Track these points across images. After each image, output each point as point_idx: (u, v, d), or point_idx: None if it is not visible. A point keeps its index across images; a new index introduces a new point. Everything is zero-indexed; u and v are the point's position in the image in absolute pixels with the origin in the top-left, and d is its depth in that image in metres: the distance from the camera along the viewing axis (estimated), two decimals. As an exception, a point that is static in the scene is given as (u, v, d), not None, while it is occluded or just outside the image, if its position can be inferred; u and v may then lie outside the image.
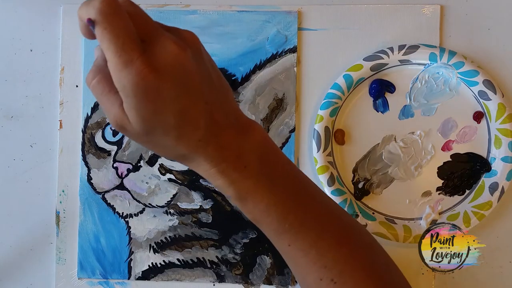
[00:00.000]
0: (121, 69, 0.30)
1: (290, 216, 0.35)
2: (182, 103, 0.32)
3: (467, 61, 0.50)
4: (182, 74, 0.31)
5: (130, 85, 0.30)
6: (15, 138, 0.53)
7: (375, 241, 0.38)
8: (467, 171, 0.51)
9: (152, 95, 0.30)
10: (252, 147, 0.35)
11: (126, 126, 0.32)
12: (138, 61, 0.30)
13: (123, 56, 0.30)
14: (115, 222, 0.52)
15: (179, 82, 0.31)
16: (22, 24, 0.53)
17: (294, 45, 0.52)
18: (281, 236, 0.36)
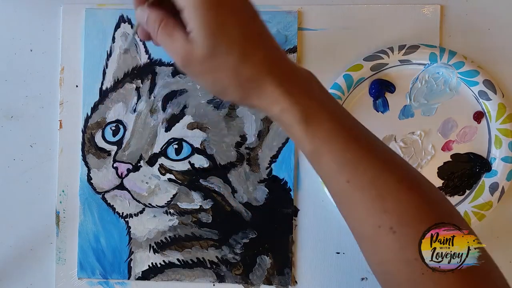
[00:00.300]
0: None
1: (353, 146, 0.34)
2: (245, 16, 0.33)
3: (467, 61, 0.50)
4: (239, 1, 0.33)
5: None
6: (15, 138, 0.53)
7: (446, 199, 0.36)
8: (467, 171, 0.51)
9: (219, 3, 0.32)
10: (310, 78, 0.36)
11: (192, 55, 0.33)
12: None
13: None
14: (115, 222, 0.52)
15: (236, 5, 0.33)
16: (22, 24, 0.53)
17: (294, 45, 0.52)
18: (341, 169, 0.34)
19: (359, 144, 0.34)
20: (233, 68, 0.33)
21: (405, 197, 0.33)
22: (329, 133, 0.34)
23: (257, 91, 0.34)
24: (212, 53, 0.33)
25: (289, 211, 0.51)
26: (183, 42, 0.33)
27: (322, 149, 0.34)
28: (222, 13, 0.32)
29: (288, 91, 0.33)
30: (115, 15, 0.53)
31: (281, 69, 0.34)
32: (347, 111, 0.37)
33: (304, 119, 0.34)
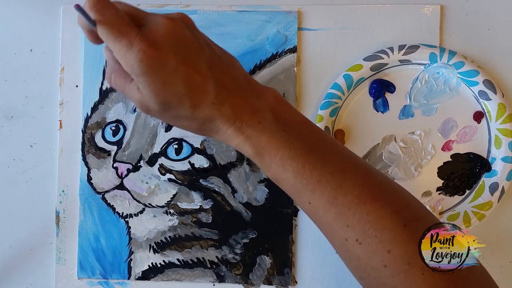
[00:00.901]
0: (124, 51, 0.33)
1: (306, 171, 0.35)
2: (186, 69, 0.34)
3: (467, 61, 0.50)
4: (179, 42, 0.34)
5: (136, 62, 0.33)
6: (15, 138, 0.53)
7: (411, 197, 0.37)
8: (467, 171, 0.51)
9: (157, 67, 0.33)
10: (265, 105, 0.37)
11: (149, 108, 0.35)
12: (136, 39, 0.33)
13: (123, 39, 0.33)
14: (115, 222, 0.52)
15: (177, 50, 0.34)
16: (22, 24, 0.53)
17: (294, 45, 0.52)
18: (301, 193, 0.36)
19: (315, 166, 0.35)
20: (188, 116, 0.36)
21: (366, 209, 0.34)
22: (282, 163, 0.35)
23: (214, 130, 0.37)
24: (165, 108, 0.35)
25: (289, 211, 0.51)
26: (137, 94, 0.35)
27: (279, 176, 0.36)
28: (162, 75, 0.34)
29: (239, 130, 0.36)
30: (115, 15, 0.53)
31: (232, 106, 0.36)
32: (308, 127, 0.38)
33: (257, 153, 0.36)
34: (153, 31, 0.34)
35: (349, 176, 0.36)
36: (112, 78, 0.37)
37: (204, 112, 0.35)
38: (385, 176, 0.38)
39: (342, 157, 0.37)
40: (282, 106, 0.38)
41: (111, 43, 0.33)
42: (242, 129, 0.36)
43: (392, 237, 0.34)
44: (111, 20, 0.33)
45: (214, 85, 0.35)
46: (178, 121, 0.37)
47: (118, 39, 0.33)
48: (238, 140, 0.36)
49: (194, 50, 0.35)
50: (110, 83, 0.37)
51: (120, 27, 0.33)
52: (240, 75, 0.38)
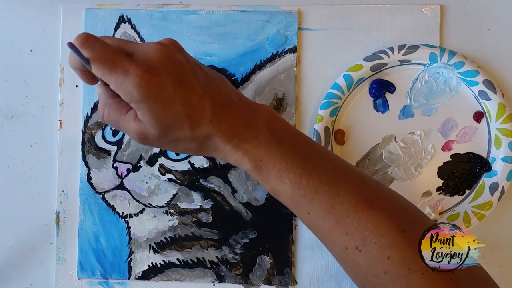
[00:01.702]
0: (121, 81, 0.33)
1: (303, 182, 0.36)
2: (183, 91, 0.35)
3: (467, 61, 0.50)
4: (173, 65, 0.35)
5: (134, 89, 0.33)
6: (15, 138, 0.53)
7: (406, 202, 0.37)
8: (467, 171, 0.51)
9: (155, 92, 0.34)
10: (259, 120, 0.38)
11: (147, 135, 0.36)
12: (131, 67, 0.33)
13: (117, 70, 0.33)
14: (115, 222, 0.52)
15: (172, 73, 0.35)
16: (22, 24, 0.53)
17: (294, 45, 0.52)
18: (299, 204, 0.37)
19: (311, 176, 0.36)
20: (188, 138, 0.36)
21: (364, 216, 0.35)
22: (280, 174, 0.36)
23: (212, 149, 0.37)
24: (165, 132, 0.36)
25: (289, 211, 0.51)
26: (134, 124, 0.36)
27: (277, 189, 0.37)
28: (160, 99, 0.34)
29: (237, 145, 0.37)
30: (115, 15, 0.53)
31: (228, 123, 0.37)
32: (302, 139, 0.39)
33: (254, 167, 0.37)
34: (146, 57, 0.35)
35: (345, 185, 0.36)
36: (106, 113, 0.37)
37: (203, 131, 0.36)
38: (380, 183, 0.39)
39: (337, 167, 0.38)
40: (275, 120, 0.39)
41: (107, 77, 0.34)
42: (239, 145, 0.37)
43: (391, 243, 0.34)
44: (103, 54, 0.34)
45: (210, 104, 0.36)
46: (177, 144, 0.38)
47: (113, 70, 0.34)
48: (236, 156, 0.37)
49: (187, 72, 0.36)
50: (103, 119, 0.38)
51: (113, 59, 0.34)
52: (232, 93, 0.39)
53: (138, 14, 0.52)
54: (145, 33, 0.52)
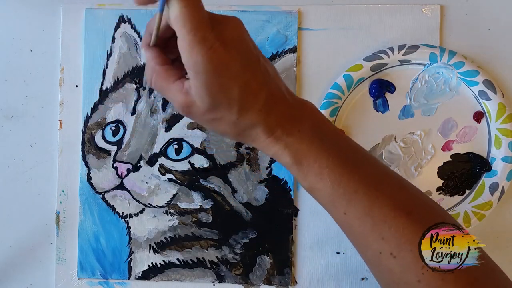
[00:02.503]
0: (194, 45, 0.32)
1: (343, 180, 0.35)
2: (246, 75, 0.34)
3: (467, 61, 0.50)
4: (244, 48, 0.34)
5: (203, 60, 0.32)
6: (15, 138, 0.53)
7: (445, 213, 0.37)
8: (467, 171, 0.51)
9: (221, 69, 0.33)
10: (304, 116, 0.37)
11: (192, 108, 0.35)
12: (211, 37, 0.32)
13: (198, 33, 0.32)
14: (115, 222, 0.52)
15: (242, 55, 0.34)
16: (22, 24, 0.53)
17: (294, 45, 0.52)
18: (336, 203, 0.36)
19: (351, 176, 0.36)
20: (232, 121, 0.35)
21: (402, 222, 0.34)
22: (320, 171, 0.36)
23: (252, 138, 0.36)
24: (212, 109, 0.35)
25: (289, 211, 0.51)
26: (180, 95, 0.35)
27: (315, 186, 0.36)
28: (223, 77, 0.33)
29: (279, 138, 0.36)
30: (115, 15, 0.53)
31: (276, 115, 0.36)
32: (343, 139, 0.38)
33: (295, 161, 0.36)
34: (224, 32, 0.33)
35: (385, 189, 0.36)
36: (154, 79, 0.36)
37: (249, 118, 0.35)
38: (419, 190, 0.38)
39: (377, 169, 0.37)
40: (319, 117, 0.38)
41: (185, 32, 0.32)
42: (281, 138, 0.36)
43: None
44: (196, 9, 0.32)
45: (265, 93, 0.35)
46: (218, 124, 0.36)
47: (194, 31, 0.32)
48: (276, 148, 0.36)
49: (253, 58, 0.35)
50: (150, 84, 0.36)
51: (200, 19, 0.32)
52: (282, 85, 0.38)
53: (138, 14, 0.52)
54: (145, 33, 0.52)
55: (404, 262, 0.34)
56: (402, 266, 0.34)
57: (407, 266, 0.34)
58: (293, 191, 0.52)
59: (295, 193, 0.52)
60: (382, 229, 0.35)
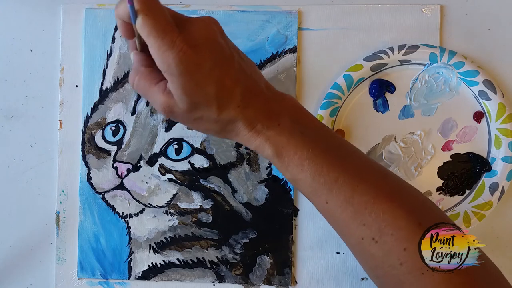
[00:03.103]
0: (164, 50, 0.33)
1: (323, 170, 0.36)
2: (218, 72, 0.35)
3: (467, 61, 0.50)
4: (215, 46, 0.36)
5: (174, 62, 0.33)
6: (15, 138, 0.53)
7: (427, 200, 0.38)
8: (467, 171, 0.51)
9: (193, 68, 0.34)
10: (284, 109, 0.38)
11: (173, 108, 0.36)
12: (178, 40, 0.34)
13: (165, 38, 0.33)
14: (115, 222, 0.52)
15: (213, 54, 0.35)
16: (22, 24, 0.53)
17: (294, 45, 0.52)
18: (317, 192, 0.37)
19: (332, 165, 0.37)
20: (213, 119, 0.37)
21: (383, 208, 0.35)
22: (300, 162, 0.37)
23: (235, 132, 0.38)
24: (192, 108, 0.36)
25: (289, 211, 0.51)
26: (162, 96, 0.36)
27: (297, 177, 0.37)
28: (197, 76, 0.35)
29: (259, 131, 0.37)
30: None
31: (254, 109, 0.37)
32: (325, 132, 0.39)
33: (276, 154, 0.37)
34: (192, 34, 0.35)
35: (366, 177, 0.37)
36: (136, 80, 0.37)
37: (229, 114, 0.37)
38: (400, 178, 0.39)
39: (359, 159, 0.38)
40: (300, 110, 0.39)
41: (152, 39, 0.34)
42: (262, 131, 0.37)
43: (408, 235, 0.34)
44: (157, 15, 0.34)
45: (241, 89, 0.37)
46: (201, 123, 0.38)
47: (161, 36, 0.33)
48: (258, 141, 0.37)
49: (225, 55, 0.36)
50: (133, 86, 0.38)
51: (165, 24, 0.34)
52: (260, 80, 0.39)
53: (138, 14, 0.52)
54: (145, 33, 0.52)
55: (386, 246, 0.35)
56: (384, 250, 0.35)
57: (388, 250, 0.35)
58: (293, 191, 0.52)
59: (295, 193, 0.52)
60: (363, 216, 0.35)
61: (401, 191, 0.37)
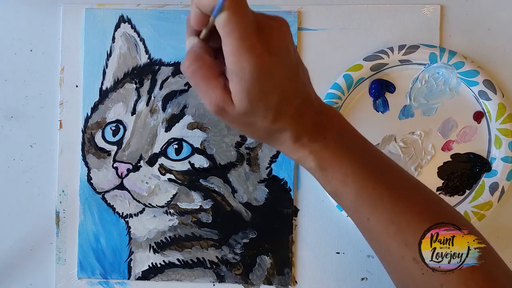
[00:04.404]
0: (242, 52, 0.32)
1: (368, 186, 0.36)
2: (286, 84, 0.34)
3: (467, 61, 0.50)
4: (287, 56, 0.34)
5: (250, 66, 0.32)
6: (15, 138, 0.53)
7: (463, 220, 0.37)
8: (467, 171, 0.51)
9: (265, 76, 0.33)
10: (330, 122, 0.37)
11: (227, 108, 0.34)
12: (258, 45, 0.32)
13: (247, 41, 0.32)
14: (115, 222, 0.52)
15: (285, 64, 0.34)
16: (22, 24, 0.53)
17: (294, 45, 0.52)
18: (359, 208, 0.36)
19: (376, 182, 0.36)
20: (264, 126, 0.35)
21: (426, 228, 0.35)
22: (344, 177, 0.36)
23: (279, 141, 0.37)
24: (247, 113, 0.34)
25: (289, 211, 0.51)
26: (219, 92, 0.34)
27: (339, 191, 0.37)
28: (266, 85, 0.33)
29: (305, 144, 0.36)
30: (115, 15, 0.53)
31: (304, 121, 0.36)
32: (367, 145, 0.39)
33: (319, 167, 0.36)
34: (271, 40, 0.33)
35: (409, 195, 0.36)
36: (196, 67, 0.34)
37: (281, 124, 0.35)
38: (439, 196, 0.38)
39: (401, 176, 0.38)
40: (345, 124, 0.39)
41: (232, 39, 0.32)
42: (307, 144, 0.36)
43: None
44: (244, 17, 0.32)
45: (298, 101, 0.35)
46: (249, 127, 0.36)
47: (243, 38, 0.32)
48: (301, 153, 0.37)
49: (293, 66, 0.35)
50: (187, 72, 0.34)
51: (248, 25, 0.32)
52: (312, 91, 0.38)
53: (138, 14, 0.52)
54: (145, 33, 0.52)
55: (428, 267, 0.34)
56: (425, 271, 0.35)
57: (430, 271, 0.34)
58: (293, 191, 0.52)
59: (295, 193, 0.52)
60: (406, 235, 0.35)
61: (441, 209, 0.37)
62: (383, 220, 0.35)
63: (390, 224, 0.35)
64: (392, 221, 0.35)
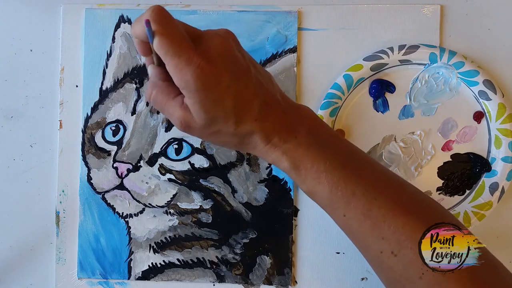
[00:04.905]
0: (182, 67, 0.33)
1: (341, 183, 0.36)
2: (236, 87, 0.35)
3: (467, 61, 0.50)
4: (232, 61, 0.35)
5: (192, 79, 0.33)
6: (15, 138, 0.53)
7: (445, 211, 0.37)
8: (467, 171, 0.51)
9: (211, 84, 0.34)
10: (300, 121, 0.38)
11: (190, 124, 0.36)
12: (195, 57, 0.34)
13: (183, 55, 0.33)
14: (115, 222, 0.52)
15: (230, 68, 0.35)
16: (22, 24, 0.53)
17: (294, 45, 0.52)
18: (335, 205, 0.37)
19: (349, 179, 0.36)
20: (230, 132, 0.37)
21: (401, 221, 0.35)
22: (317, 175, 0.36)
23: (251, 145, 0.38)
24: (209, 123, 0.36)
25: (289, 211, 0.51)
26: (179, 111, 0.36)
27: (314, 189, 0.37)
28: (215, 92, 0.35)
29: (276, 145, 0.37)
30: (115, 15, 0.53)
31: (271, 122, 0.37)
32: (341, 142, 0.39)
33: (293, 167, 0.37)
34: (209, 49, 0.35)
35: (383, 189, 0.36)
36: (153, 94, 0.37)
37: (246, 128, 0.36)
38: (417, 188, 0.39)
39: (374, 170, 0.38)
40: (316, 122, 0.39)
41: (169, 58, 0.34)
42: (279, 144, 0.37)
43: None
44: (173, 34, 0.34)
45: (259, 102, 0.36)
46: (218, 137, 0.38)
47: (178, 54, 0.33)
48: (275, 155, 0.37)
49: (242, 69, 0.36)
50: (149, 99, 0.38)
51: (181, 42, 0.34)
52: (277, 92, 0.39)
53: (138, 14, 0.52)
54: (145, 33, 0.52)
55: (405, 259, 0.35)
56: (403, 264, 0.35)
57: (408, 264, 0.35)
58: (293, 191, 0.52)
59: (295, 193, 0.52)
60: (382, 229, 0.35)
61: (419, 203, 0.37)
62: (358, 216, 0.36)
63: (365, 219, 0.36)
64: (366, 216, 0.36)
